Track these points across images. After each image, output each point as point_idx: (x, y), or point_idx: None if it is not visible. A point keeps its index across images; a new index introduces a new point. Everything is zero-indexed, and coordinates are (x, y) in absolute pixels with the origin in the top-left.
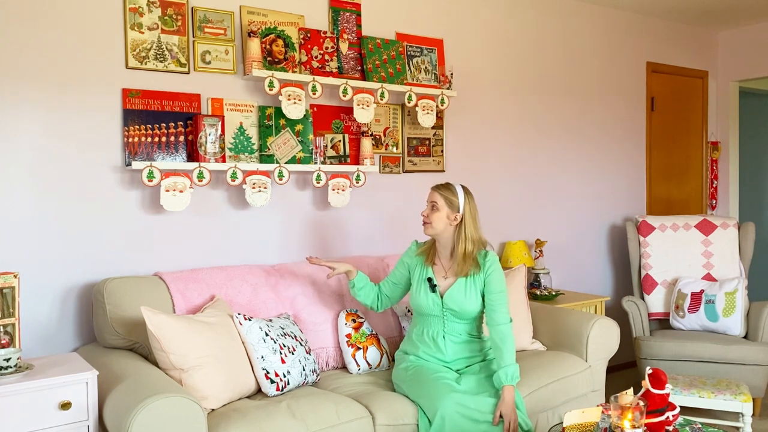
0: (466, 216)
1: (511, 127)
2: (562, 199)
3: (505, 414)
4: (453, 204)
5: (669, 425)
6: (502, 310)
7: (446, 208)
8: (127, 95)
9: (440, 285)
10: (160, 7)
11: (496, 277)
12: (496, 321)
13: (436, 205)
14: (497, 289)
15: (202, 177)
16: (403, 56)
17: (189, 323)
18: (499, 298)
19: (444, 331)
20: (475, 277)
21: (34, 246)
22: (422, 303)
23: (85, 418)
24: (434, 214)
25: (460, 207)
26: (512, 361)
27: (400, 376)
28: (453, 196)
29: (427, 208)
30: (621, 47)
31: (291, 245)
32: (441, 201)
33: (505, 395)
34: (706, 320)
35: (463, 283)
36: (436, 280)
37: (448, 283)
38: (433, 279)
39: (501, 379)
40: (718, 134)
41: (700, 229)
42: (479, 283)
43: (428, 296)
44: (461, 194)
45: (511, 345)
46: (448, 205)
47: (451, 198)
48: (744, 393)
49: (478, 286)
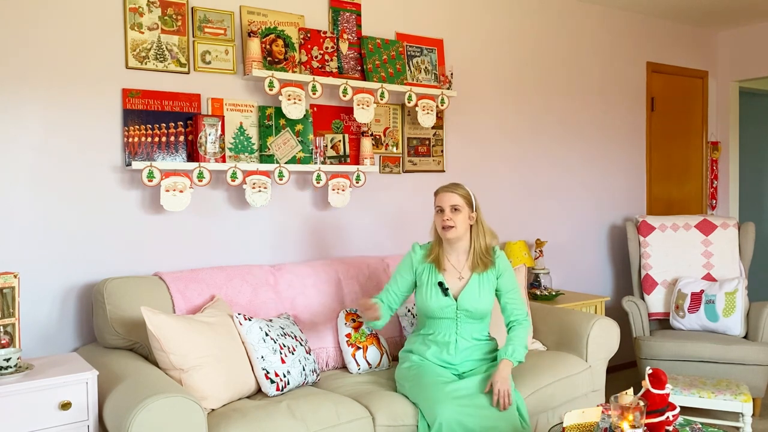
0: (479, 212)
1: (511, 127)
2: (562, 199)
3: (495, 382)
4: (470, 202)
5: (669, 425)
6: (519, 305)
7: (466, 207)
8: (127, 95)
9: (452, 288)
10: (160, 7)
11: (508, 275)
12: (514, 316)
13: (457, 206)
14: (510, 287)
15: (202, 177)
16: (403, 56)
17: (189, 323)
18: (514, 295)
19: (457, 333)
20: (489, 274)
21: (34, 246)
22: (434, 307)
23: (85, 418)
24: (457, 216)
25: (474, 204)
26: (521, 343)
27: (403, 374)
28: (469, 195)
29: (446, 211)
30: (621, 47)
31: (291, 245)
32: (461, 201)
33: (501, 367)
34: (706, 320)
35: (477, 281)
36: (447, 284)
37: (462, 284)
38: (444, 283)
39: (501, 353)
40: (718, 134)
41: (700, 229)
42: (492, 280)
43: (440, 300)
44: (471, 191)
45: (523, 331)
46: (467, 204)
47: (467, 197)
48: (744, 393)
49: (492, 283)
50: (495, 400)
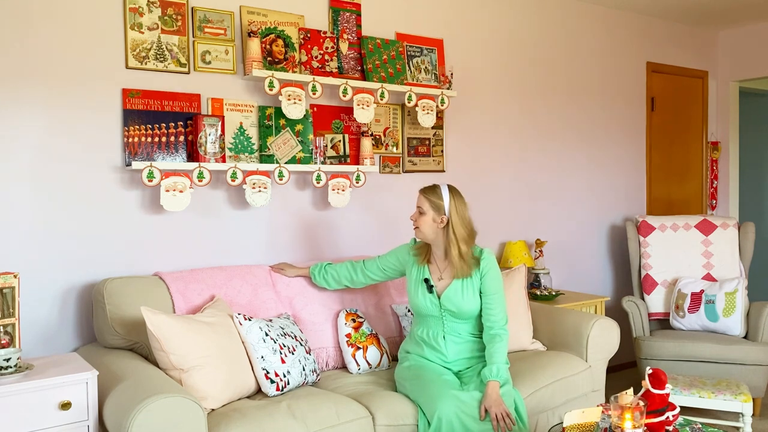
0: (453, 217)
1: (511, 126)
2: (562, 199)
3: (489, 407)
4: (438, 207)
5: (669, 425)
6: (497, 312)
7: (432, 211)
8: (127, 95)
9: (437, 285)
10: (160, 7)
11: (491, 277)
12: (490, 323)
13: (421, 209)
14: (492, 290)
15: (202, 177)
16: (403, 56)
17: (189, 323)
18: (495, 299)
19: (444, 331)
20: (473, 276)
21: (33, 246)
22: (420, 304)
23: (85, 418)
24: (421, 218)
25: (445, 209)
26: (501, 360)
27: (403, 374)
28: (438, 199)
29: (415, 212)
30: (621, 47)
31: (291, 245)
32: (426, 205)
33: (489, 390)
34: (706, 320)
35: (460, 283)
36: (432, 281)
37: (445, 283)
38: (429, 280)
39: (486, 374)
40: (718, 134)
41: (700, 229)
42: (476, 282)
43: (426, 297)
44: (446, 196)
45: (502, 346)
46: (433, 208)
47: (435, 201)
48: (744, 393)
49: (476, 285)
50: (495, 425)
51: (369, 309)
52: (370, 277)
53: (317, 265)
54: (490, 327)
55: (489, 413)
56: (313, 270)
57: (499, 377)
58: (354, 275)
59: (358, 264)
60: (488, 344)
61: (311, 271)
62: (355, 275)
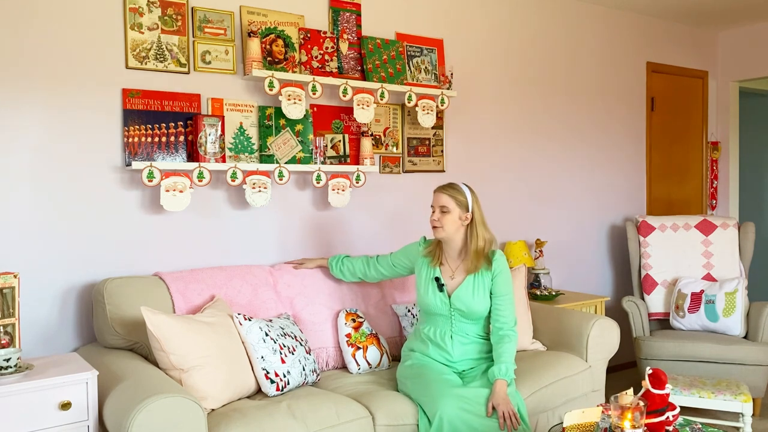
0: (476, 214)
1: (511, 126)
2: (562, 199)
3: (497, 404)
4: (462, 204)
5: (669, 425)
6: (507, 313)
7: (457, 209)
8: (127, 95)
9: (448, 284)
10: (160, 7)
11: (503, 278)
12: (499, 323)
13: (446, 208)
14: (503, 291)
15: (202, 177)
16: (403, 56)
17: (189, 323)
18: (504, 301)
19: (452, 330)
20: (484, 276)
21: (33, 246)
22: (430, 303)
23: (85, 418)
24: (445, 217)
25: (469, 206)
26: (510, 360)
27: (405, 372)
28: (461, 196)
29: (436, 212)
30: (621, 47)
31: (291, 245)
32: (451, 203)
33: (497, 388)
34: (706, 320)
35: (471, 282)
36: (443, 280)
37: (456, 282)
38: (440, 278)
39: (494, 373)
40: (718, 134)
41: (700, 229)
42: (487, 282)
43: (436, 296)
44: (468, 193)
45: (511, 346)
46: (458, 205)
47: (459, 198)
48: (744, 393)
49: (487, 285)
50: (502, 423)
51: (369, 309)
52: (382, 272)
53: (336, 257)
54: (499, 328)
55: (496, 411)
56: (331, 261)
57: (507, 376)
58: (367, 270)
59: (372, 259)
60: (497, 344)
61: (329, 262)
62: (368, 270)
